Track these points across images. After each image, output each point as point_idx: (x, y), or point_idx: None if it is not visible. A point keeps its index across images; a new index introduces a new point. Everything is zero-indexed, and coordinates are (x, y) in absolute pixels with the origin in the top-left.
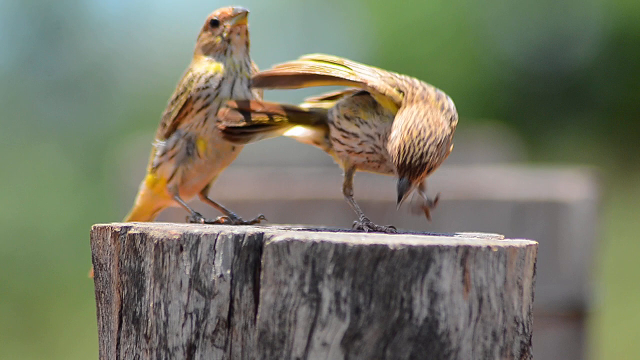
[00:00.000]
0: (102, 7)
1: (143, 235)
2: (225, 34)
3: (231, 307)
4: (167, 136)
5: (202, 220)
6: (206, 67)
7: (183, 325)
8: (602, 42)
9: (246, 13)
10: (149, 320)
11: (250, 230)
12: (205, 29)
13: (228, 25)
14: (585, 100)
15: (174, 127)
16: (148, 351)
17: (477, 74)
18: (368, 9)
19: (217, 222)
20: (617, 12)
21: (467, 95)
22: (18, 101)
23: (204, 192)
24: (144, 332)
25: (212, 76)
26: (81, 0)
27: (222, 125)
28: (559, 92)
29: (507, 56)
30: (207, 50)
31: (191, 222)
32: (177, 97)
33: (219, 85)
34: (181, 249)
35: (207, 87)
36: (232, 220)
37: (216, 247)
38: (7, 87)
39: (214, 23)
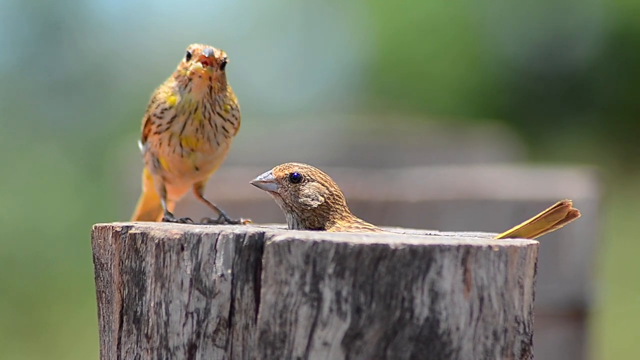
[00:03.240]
0: (102, 7)
1: (144, 234)
2: (188, 72)
3: (232, 307)
4: (142, 142)
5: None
6: (166, 97)
7: (184, 324)
8: (602, 42)
9: (210, 68)
10: (150, 319)
11: (251, 229)
12: (186, 56)
13: (192, 64)
14: (586, 100)
15: (145, 138)
16: (149, 351)
17: (477, 73)
18: (368, 9)
19: (183, 222)
20: (618, 12)
21: (467, 95)
22: (18, 101)
23: (198, 191)
24: (145, 331)
25: (166, 109)
26: (81, 0)
27: None
28: (560, 92)
29: (507, 56)
30: (176, 76)
31: (166, 220)
32: (145, 111)
33: (171, 121)
34: (182, 248)
35: (161, 117)
36: (221, 218)
37: (217, 246)
38: (8, 87)
39: (188, 56)
